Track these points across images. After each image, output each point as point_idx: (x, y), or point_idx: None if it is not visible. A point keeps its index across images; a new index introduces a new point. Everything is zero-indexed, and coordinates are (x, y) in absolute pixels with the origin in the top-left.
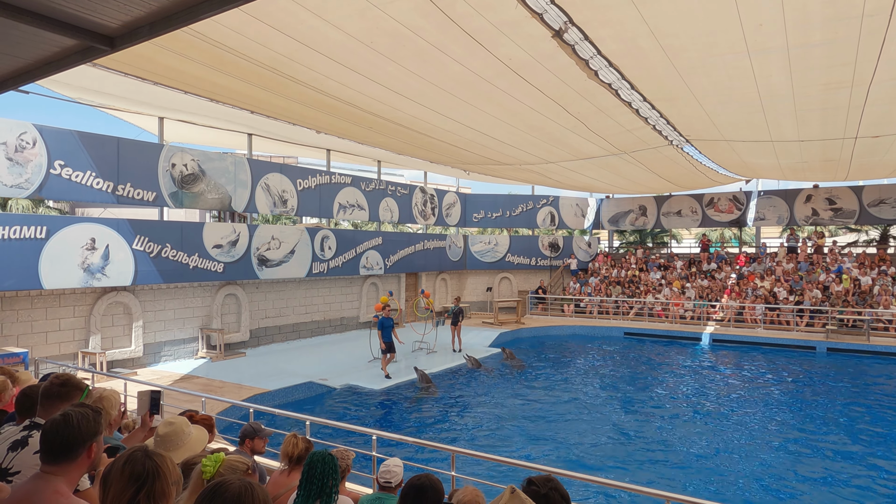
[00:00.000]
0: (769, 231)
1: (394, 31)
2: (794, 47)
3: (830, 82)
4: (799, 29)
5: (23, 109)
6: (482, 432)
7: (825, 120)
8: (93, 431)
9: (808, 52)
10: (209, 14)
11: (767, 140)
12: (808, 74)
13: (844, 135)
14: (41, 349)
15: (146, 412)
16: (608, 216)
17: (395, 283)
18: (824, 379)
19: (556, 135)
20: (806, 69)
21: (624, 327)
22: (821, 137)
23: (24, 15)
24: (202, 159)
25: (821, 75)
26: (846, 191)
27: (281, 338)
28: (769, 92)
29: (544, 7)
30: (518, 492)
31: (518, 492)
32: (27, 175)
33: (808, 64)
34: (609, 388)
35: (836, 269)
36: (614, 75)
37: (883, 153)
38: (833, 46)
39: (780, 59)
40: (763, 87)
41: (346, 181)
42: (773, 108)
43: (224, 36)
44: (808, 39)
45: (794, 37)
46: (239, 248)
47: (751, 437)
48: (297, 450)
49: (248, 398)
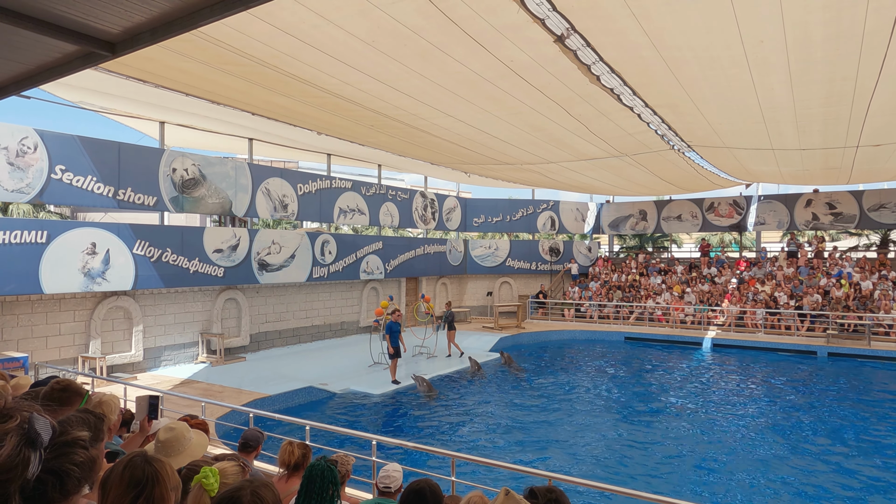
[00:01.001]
0: (769, 235)
1: (395, 31)
2: (796, 63)
3: (832, 95)
4: (800, 46)
5: (24, 114)
6: (482, 437)
7: (826, 130)
8: (100, 436)
9: (809, 67)
10: (210, 20)
11: (769, 148)
12: (809, 88)
13: (846, 144)
14: (41, 354)
15: (144, 417)
16: (608, 220)
17: (395, 287)
18: (826, 384)
19: (557, 135)
20: (807, 83)
21: (624, 332)
22: (822, 146)
23: (27, 21)
24: (203, 164)
25: (822, 88)
26: (846, 195)
27: (281, 342)
28: (770, 104)
29: (546, 13)
30: (512, 493)
31: (512, 493)
32: (28, 180)
33: (810, 78)
34: (610, 393)
35: (837, 274)
36: (616, 81)
37: (884, 161)
38: (834, 62)
39: (781, 73)
40: (764, 98)
41: (346, 186)
42: (774, 119)
43: (226, 35)
44: (810, 56)
45: (795, 53)
46: (239, 252)
47: (753, 443)
48: (293, 457)
49: (247, 403)
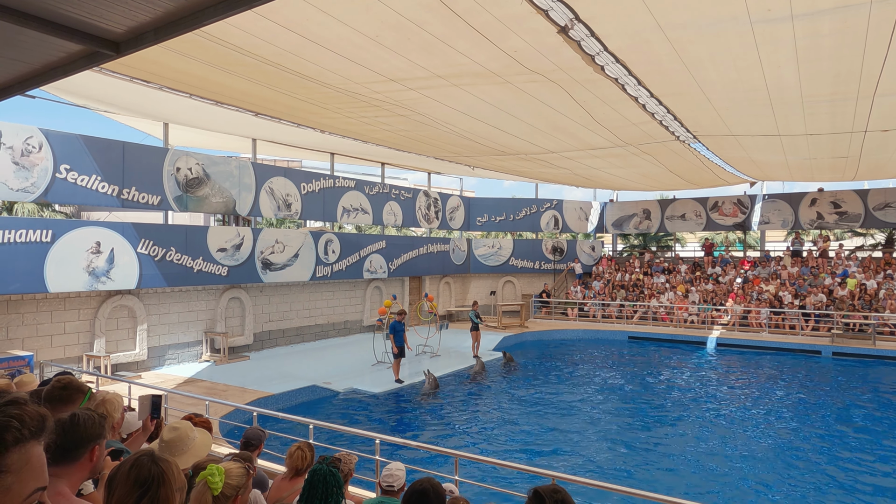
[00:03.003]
0: (774, 235)
1: (399, 24)
2: (802, 38)
3: (840, 73)
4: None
5: (29, 114)
6: (485, 436)
7: (834, 112)
8: (96, 434)
9: (816, 42)
10: (214, 19)
11: (775, 134)
12: (816, 65)
13: (853, 128)
14: (46, 352)
15: (147, 416)
16: (612, 220)
17: (398, 286)
18: (831, 383)
19: (561, 125)
20: (814, 59)
21: (628, 331)
22: (829, 131)
23: (31, 21)
24: (207, 163)
25: (829, 66)
26: (851, 194)
27: (285, 341)
28: (777, 83)
29: (550, 3)
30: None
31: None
32: (33, 179)
33: (817, 55)
34: (614, 392)
35: (842, 273)
36: (621, 70)
37: (894, 150)
38: (842, 36)
39: (787, 51)
40: (771, 78)
41: (349, 185)
42: (781, 101)
43: (229, 34)
44: (817, 30)
45: (802, 27)
46: (243, 251)
47: (757, 443)
48: (304, 462)
49: (251, 402)
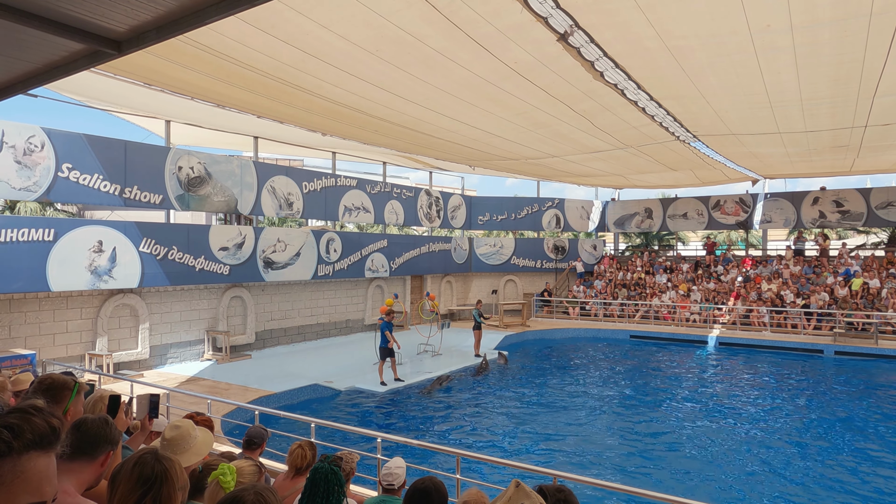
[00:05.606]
0: (776, 234)
1: (399, 38)
2: (802, 45)
3: (839, 78)
4: (807, 29)
5: (31, 113)
6: (487, 435)
7: (834, 112)
8: (115, 440)
9: (816, 49)
10: (216, 18)
11: (776, 132)
12: (816, 70)
13: (853, 124)
14: (49, 351)
15: (145, 415)
16: (614, 219)
17: (400, 285)
18: (833, 383)
19: (562, 131)
20: (814, 65)
21: (630, 330)
22: (830, 128)
23: (33, 20)
24: (208, 162)
25: (829, 71)
26: (854, 193)
27: (286, 340)
28: (777, 88)
29: (549, 11)
30: (523, 486)
31: (523, 486)
32: (35, 178)
33: (817, 61)
34: (616, 391)
35: (844, 272)
36: (620, 76)
37: (894, 137)
38: (841, 44)
39: (787, 57)
40: (771, 83)
41: (351, 184)
42: (781, 104)
43: (229, 48)
44: (817, 39)
45: (802, 37)
46: (245, 250)
47: (759, 442)
48: (305, 461)
49: (253, 400)
